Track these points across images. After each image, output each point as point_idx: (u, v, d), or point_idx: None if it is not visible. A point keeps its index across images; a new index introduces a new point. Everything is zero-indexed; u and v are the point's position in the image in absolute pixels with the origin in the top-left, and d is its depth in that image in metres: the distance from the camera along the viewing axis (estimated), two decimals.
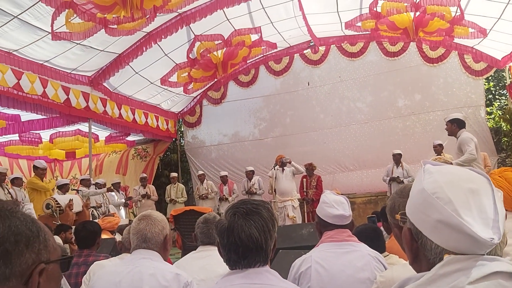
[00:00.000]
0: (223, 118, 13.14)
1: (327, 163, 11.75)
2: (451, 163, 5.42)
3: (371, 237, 2.80)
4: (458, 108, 10.62)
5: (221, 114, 13.17)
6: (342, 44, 11.99)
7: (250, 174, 10.47)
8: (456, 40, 10.36)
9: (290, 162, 8.83)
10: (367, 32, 10.97)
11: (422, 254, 0.97)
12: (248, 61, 12.12)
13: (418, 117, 11.39)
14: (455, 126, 5.67)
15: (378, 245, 2.68)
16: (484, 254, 0.86)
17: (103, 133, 12.26)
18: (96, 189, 9.30)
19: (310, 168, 9.58)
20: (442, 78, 11.27)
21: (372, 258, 2.25)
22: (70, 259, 1.03)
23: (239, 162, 12.57)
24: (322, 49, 12.23)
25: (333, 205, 2.33)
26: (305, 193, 9.39)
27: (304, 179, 9.58)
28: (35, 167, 8.41)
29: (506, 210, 2.73)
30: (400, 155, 9.56)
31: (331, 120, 12.14)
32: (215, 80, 12.40)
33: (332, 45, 12.11)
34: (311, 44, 12.10)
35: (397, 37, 10.63)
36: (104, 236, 5.26)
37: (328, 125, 12.13)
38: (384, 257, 2.50)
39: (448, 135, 5.96)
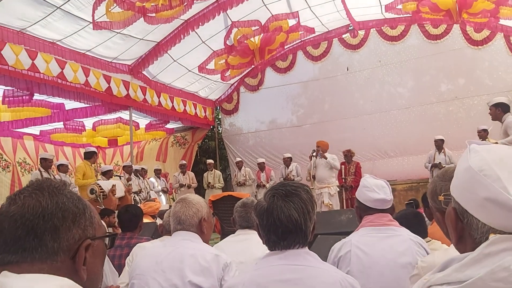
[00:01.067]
0: (261, 105, 13.11)
1: (366, 150, 11.56)
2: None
3: (413, 222, 2.74)
4: (504, 92, 10.15)
5: (258, 101, 13.15)
6: (382, 27, 11.69)
7: (287, 161, 10.44)
8: (501, 22, 9.92)
9: (325, 158, 8.63)
10: (408, 15, 10.66)
11: (468, 233, 0.94)
12: (285, 47, 12.03)
13: (462, 101, 11.00)
14: (500, 110, 5.42)
15: (419, 230, 2.62)
16: None
17: (143, 121, 12.52)
18: (138, 175, 9.54)
19: (348, 154, 9.45)
20: (487, 61, 10.81)
21: (414, 243, 2.20)
22: (114, 236, 1.06)
23: (277, 149, 12.55)
24: (361, 33, 11.95)
25: (374, 189, 2.29)
26: (343, 180, 9.28)
27: (343, 166, 9.45)
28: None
29: None
30: (442, 140, 9.30)
31: (370, 106, 11.90)
32: (252, 66, 12.38)
33: (371, 29, 11.82)
34: (350, 28, 11.84)
35: (440, 19, 10.27)
36: (145, 220, 5.39)
37: (367, 111, 11.90)
38: (426, 242, 2.44)
39: (492, 119, 5.71)
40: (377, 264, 2.14)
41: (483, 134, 8.39)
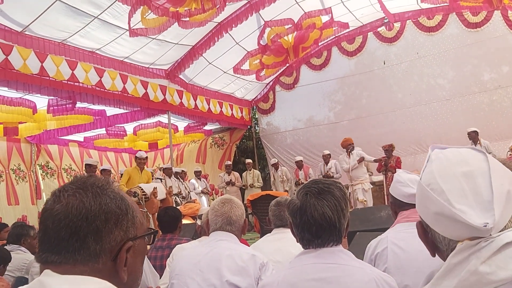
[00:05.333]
0: (297, 103, 13.07)
1: (407, 144, 11.32)
2: None
3: None
4: None
5: (294, 99, 13.12)
6: (418, 18, 11.40)
7: (327, 158, 10.37)
8: None
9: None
10: (446, 4, 10.36)
11: (436, 245, 0.96)
12: (319, 44, 11.94)
13: (506, 90, 10.59)
14: None
15: None
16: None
17: (181, 124, 12.74)
18: (177, 177, 9.72)
19: (389, 149, 9.28)
20: None
21: None
22: (155, 233, 1.07)
23: (315, 147, 12.49)
24: (397, 25, 11.71)
25: (408, 183, 2.23)
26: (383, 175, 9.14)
27: (383, 160, 9.31)
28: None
29: None
30: (476, 132, 8.96)
31: (410, 99, 11.64)
32: (287, 65, 12.37)
33: (407, 21, 11.56)
34: (385, 21, 11.63)
35: (479, 6, 9.93)
36: (185, 221, 5.49)
37: (407, 104, 11.65)
38: None
39: None
40: (414, 260, 2.09)
41: None
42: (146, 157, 8.45)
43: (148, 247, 5.64)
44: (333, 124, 12.65)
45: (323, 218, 1.53)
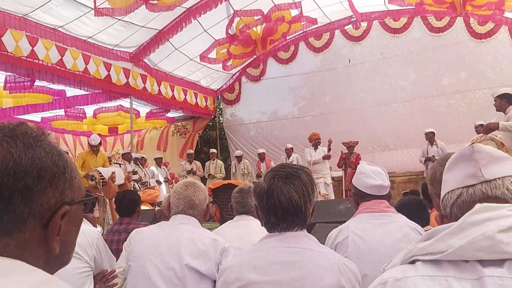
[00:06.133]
0: (262, 96, 13.10)
1: (367, 142, 11.54)
2: (497, 124, 5.12)
3: (416, 209, 2.75)
4: (507, 86, 10.11)
5: (260, 91, 13.13)
6: (385, 19, 11.62)
7: (289, 151, 10.44)
8: (506, 14, 9.85)
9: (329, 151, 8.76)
10: (411, 7, 10.60)
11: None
12: (287, 37, 11.98)
13: (464, 95, 10.97)
14: (505, 101, 5.39)
15: (422, 217, 2.62)
16: None
17: (144, 109, 12.51)
18: (137, 163, 9.54)
19: (353, 145, 9.44)
20: (490, 55, 10.75)
21: (411, 229, 2.20)
22: (94, 199, 0.97)
23: (278, 140, 12.55)
24: (364, 25, 11.90)
25: (371, 175, 2.29)
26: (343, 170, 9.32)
27: (343, 156, 9.48)
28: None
29: None
30: (433, 133, 9.29)
31: (372, 99, 11.88)
32: (254, 56, 12.34)
33: (374, 21, 11.76)
34: (352, 19, 11.79)
35: (443, 11, 10.21)
36: (144, 207, 5.41)
37: (368, 103, 11.88)
38: (426, 231, 2.44)
39: (496, 110, 5.68)
40: (374, 250, 2.14)
41: (480, 129, 8.45)
42: (100, 143, 8.11)
43: (102, 230, 5.50)
44: (296, 119, 12.75)
45: (290, 202, 1.53)
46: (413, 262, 0.90)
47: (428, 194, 1.94)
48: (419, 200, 3.07)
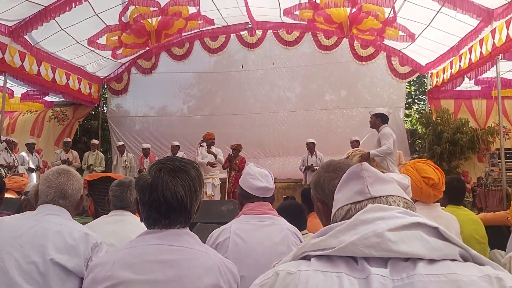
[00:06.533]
0: (152, 90, 12.75)
1: (252, 147, 11.83)
2: (368, 153, 5.63)
3: (295, 213, 2.84)
4: (380, 108, 11.14)
5: (150, 85, 12.76)
6: (279, 30, 12.03)
7: (175, 149, 10.24)
8: (386, 42, 10.79)
9: (212, 154, 8.73)
10: (304, 22, 11.09)
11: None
12: (183, 34, 11.79)
13: (342, 111, 11.80)
14: (379, 120, 5.91)
15: (300, 221, 2.71)
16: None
17: (19, 90, 11.37)
18: (6, 147, 8.65)
19: (237, 148, 9.54)
20: (368, 77, 11.74)
21: (291, 232, 2.26)
22: None
23: (164, 137, 12.29)
24: (259, 33, 12.20)
25: (258, 176, 2.31)
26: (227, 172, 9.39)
27: (229, 159, 9.55)
28: None
29: (414, 200, 2.87)
30: (313, 144, 9.90)
31: (260, 106, 12.23)
32: (147, 48, 11.94)
33: (269, 30, 12.11)
34: (248, 26, 12.02)
35: (332, 31, 10.85)
36: (9, 195, 4.90)
37: (257, 110, 12.20)
38: (303, 234, 2.53)
39: (371, 127, 6.20)
40: (254, 252, 2.15)
41: (355, 144, 9.38)
42: None
43: None
44: (185, 117, 12.62)
45: (175, 197, 1.45)
46: (306, 258, 0.89)
47: (307, 200, 2.02)
48: (299, 205, 3.19)
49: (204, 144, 8.85)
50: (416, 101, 15.22)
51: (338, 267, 0.83)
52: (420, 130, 12.26)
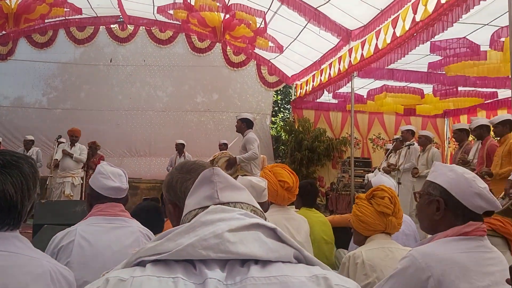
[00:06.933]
0: (7, 78, 11.55)
1: (117, 145, 11.39)
2: (235, 158, 5.81)
3: (151, 214, 2.77)
4: (246, 113, 11.53)
5: (4, 72, 11.55)
6: (152, 28, 11.79)
7: (28, 144, 9.34)
8: (256, 50, 11.20)
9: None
10: (178, 22, 10.98)
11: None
12: (46, 21, 10.85)
13: (213, 115, 11.96)
14: (244, 125, 6.14)
15: (157, 224, 2.66)
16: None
17: None
18: None
19: (93, 146, 9.04)
20: (239, 83, 12.09)
21: (143, 235, 2.18)
22: None
23: (19, 130, 11.16)
24: (130, 28, 11.80)
25: (110, 176, 2.19)
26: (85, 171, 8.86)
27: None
28: None
29: (270, 202, 3.00)
30: (182, 145, 9.87)
31: (128, 103, 11.83)
32: (3, 32, 10.75)
33: (141, 27, 11.81)
34: (119, 19, 11.54)
35: (206, 34, 10.90)
36: None
37: (124, 107, 11.79)
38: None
39: (237, 131, 6.41)
40: (101, 255, 2.04)
41: (223, 147, 9.57)
42: None
43: None
44: (45, 109, 11.67)
45: (3, 196, 1.31)
46: (141, 264, 0.84)
47: None
48: (156, 206, 3.13)
49: (63, 140, 8.23)
50: (281, 109, 16.10)
51: (175, 272, 0.79)
52: (284, 137, 12.96)
